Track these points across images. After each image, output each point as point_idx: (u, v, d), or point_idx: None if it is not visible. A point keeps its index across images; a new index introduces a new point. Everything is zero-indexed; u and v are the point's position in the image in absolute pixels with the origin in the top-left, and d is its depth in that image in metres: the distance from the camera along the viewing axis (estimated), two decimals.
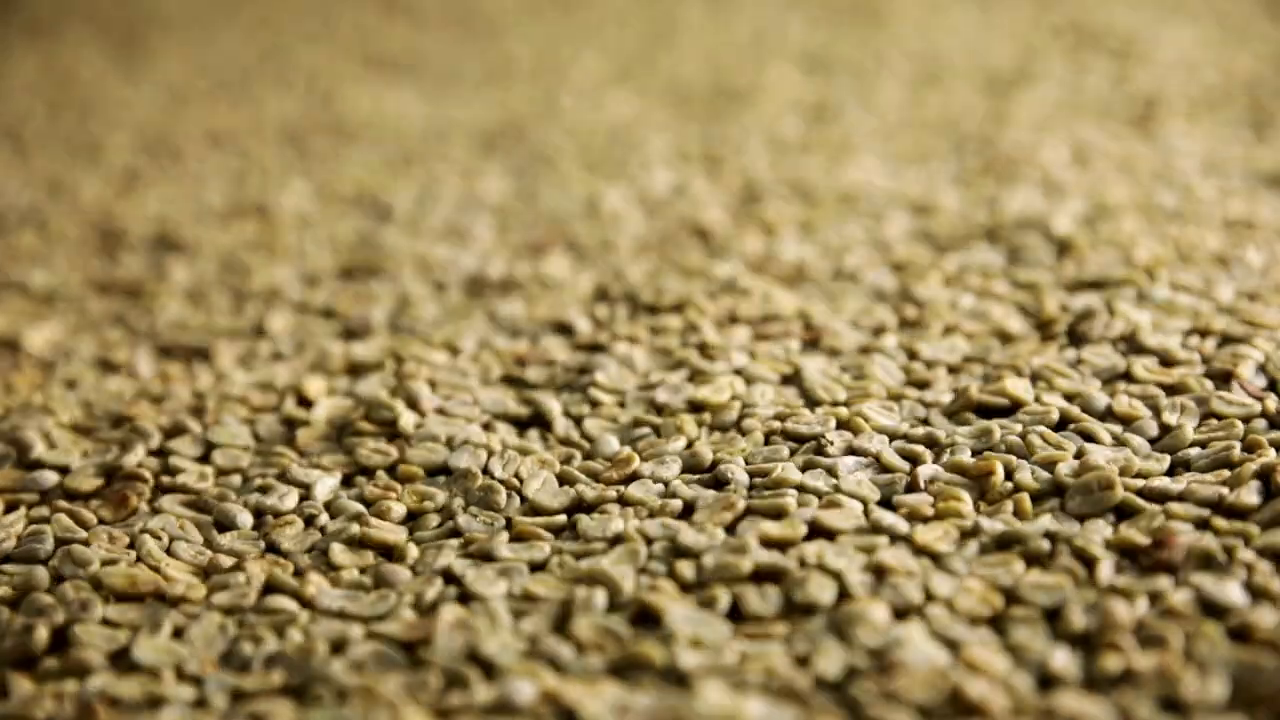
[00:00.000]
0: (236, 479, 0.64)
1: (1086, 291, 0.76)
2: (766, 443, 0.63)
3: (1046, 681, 0.48)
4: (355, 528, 0.59)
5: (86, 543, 0.59)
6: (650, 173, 1.03)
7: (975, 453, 0.61)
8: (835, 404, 0.66)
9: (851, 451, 0.61)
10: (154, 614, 0.54)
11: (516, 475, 0.62)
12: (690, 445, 0.63)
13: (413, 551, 0.57)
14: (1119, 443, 0.61)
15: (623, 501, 0.59)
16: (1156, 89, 1.15)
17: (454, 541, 0.57)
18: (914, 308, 0.75)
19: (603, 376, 0.70)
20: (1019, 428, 0.62)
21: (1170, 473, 0.59)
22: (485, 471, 0.62)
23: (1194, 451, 0.60)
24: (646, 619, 0.51)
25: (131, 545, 0.59)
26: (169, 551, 0.58)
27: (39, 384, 0.74)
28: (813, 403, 0.66)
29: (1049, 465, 0.59)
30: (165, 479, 0.64)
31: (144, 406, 0.70)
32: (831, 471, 0.60)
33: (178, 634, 0.53)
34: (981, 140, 1.05)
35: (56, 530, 0.60)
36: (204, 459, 0.66)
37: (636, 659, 0.49)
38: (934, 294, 0.77)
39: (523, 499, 0.60)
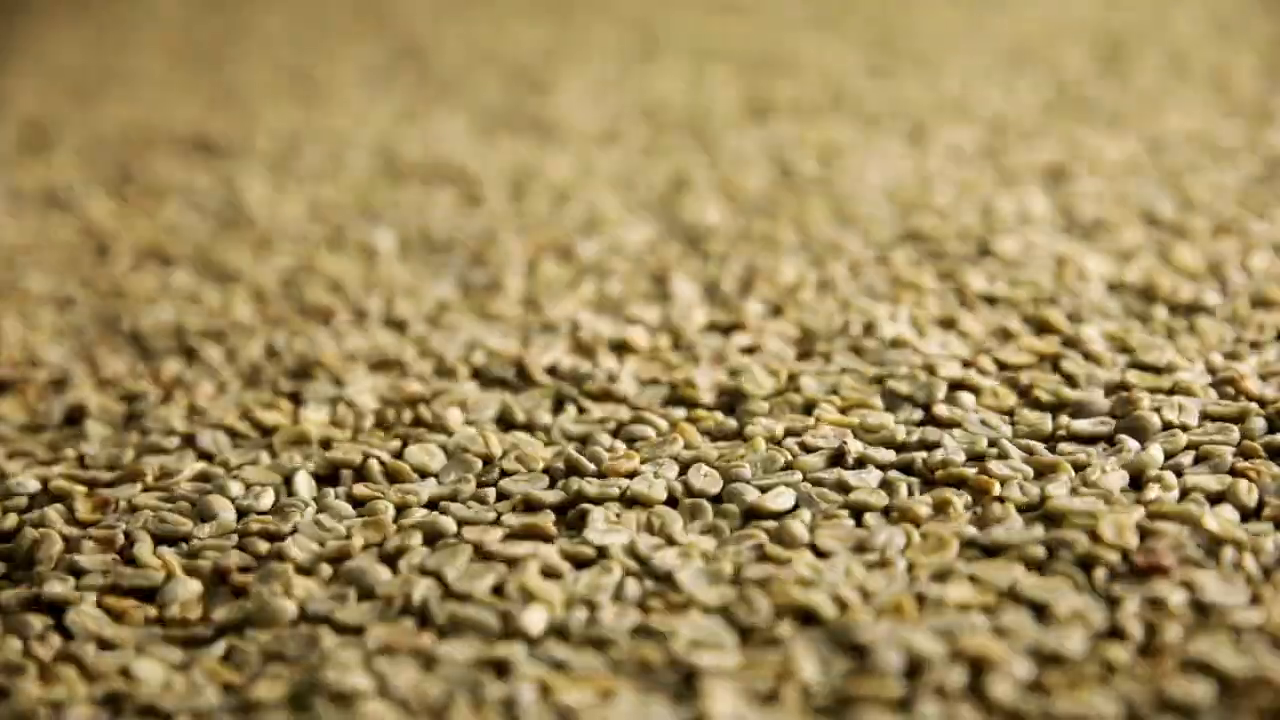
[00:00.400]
0: (221, 478, 0.63)
1: (1080, 306, 0.75)
2: (769, 449, 0.63)
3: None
4: (343, 527, 0.58)
5: (76, 550, 0.58)
6: (647, 177, 1.03)
7: (971, 458, 0.61)
8: (836, 410, 0.66)
9: (860, 461, 0.61)
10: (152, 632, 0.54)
11: (508, 471, 0.62)
12: (690, 449, 0.63)
13: (411, 543, 0.57)
14: (1112, 452, 0.61)
15: (625, 499, 0.59)
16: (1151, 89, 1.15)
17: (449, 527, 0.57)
18: (906, 316, 0.75)
19: (596, 385, 0.69)
20: (1009, 430, 0.62)
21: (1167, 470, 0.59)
22: (478, 472, 0.62)
23: (1187, 458, 0.60)
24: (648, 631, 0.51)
25: (120, 552, 0.58)
26: (158, 555, 0.58)
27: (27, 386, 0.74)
28: (809, 408, 0.66)
29: (1043, 484, 0.58)
30: (150, 480, 0.64)
31: (132, 407, 0.70)
32: (841, 483, 0.60)
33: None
34: (976, 144, 1.05)
35: (46, 539, 0.59)
36: (188, 459, 0.66)
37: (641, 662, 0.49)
38: (925, 300, 0.76)
39: (515, 496, 0.60)
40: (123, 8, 1.66)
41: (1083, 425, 0.63)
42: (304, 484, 0.62)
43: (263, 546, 0.58)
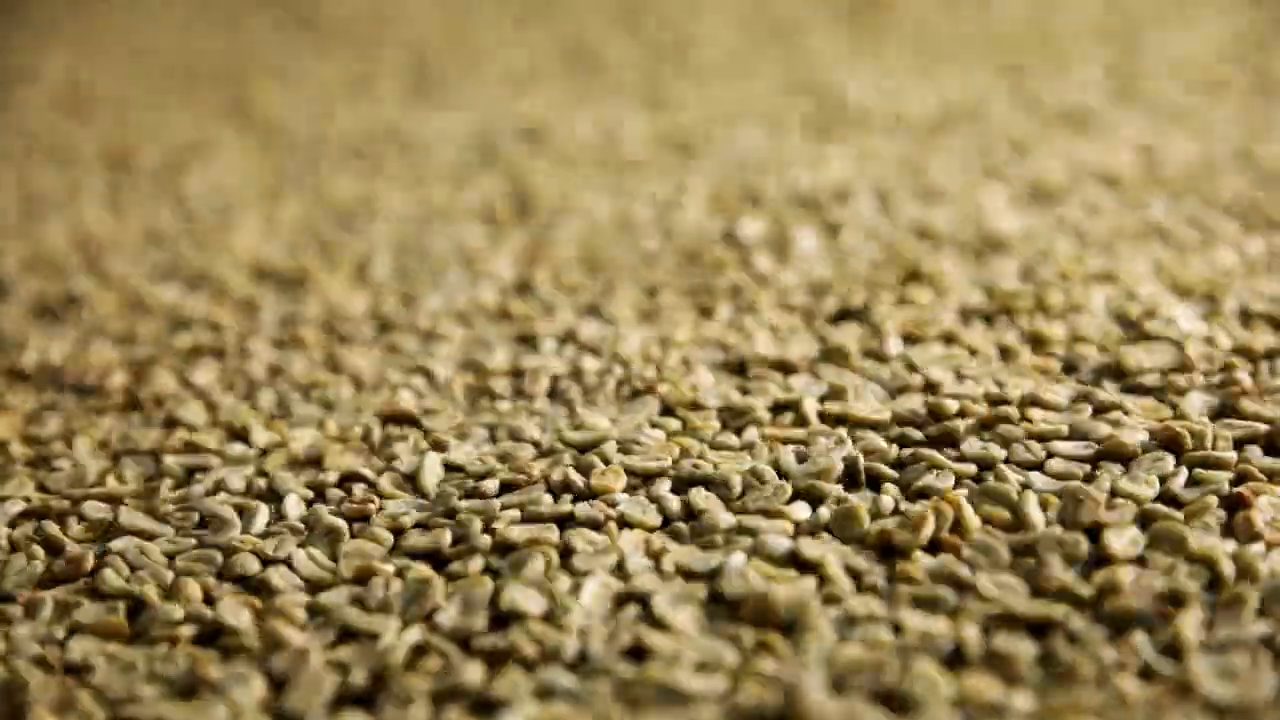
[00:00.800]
0: (207, 496, 0.63)
1: (1078, 323, 0.75)
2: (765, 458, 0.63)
3: None
4: (331, 556, 0.58)
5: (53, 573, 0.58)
6: (646, 185, 1.02)
7: (979, 472, 0.60)
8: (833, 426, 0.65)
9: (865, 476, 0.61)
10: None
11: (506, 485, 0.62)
12: (680, 460, 0.63)
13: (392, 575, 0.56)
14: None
15: (619, 522, 0.58)
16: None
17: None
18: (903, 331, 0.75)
19: (595, 396, 0.69)
20: (1002, 452, 0.62)
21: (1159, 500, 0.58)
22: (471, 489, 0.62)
23: (1183, 490, 0.59)
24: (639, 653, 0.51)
25: (92, 574, 0.58)
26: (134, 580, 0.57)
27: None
28: (805, 422, 0.66)
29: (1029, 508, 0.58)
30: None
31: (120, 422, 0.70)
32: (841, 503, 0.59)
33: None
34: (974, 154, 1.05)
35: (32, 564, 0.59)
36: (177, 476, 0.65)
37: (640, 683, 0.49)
38: (924, 316, 0.76)
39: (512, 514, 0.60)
40: (120, 18, 1.66)
41: (1069, 447, 0.62)
42: (293, 505, 0.62)
43: (250, 571, 0.57)
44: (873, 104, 1.19)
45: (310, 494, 0.63)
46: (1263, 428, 0.62)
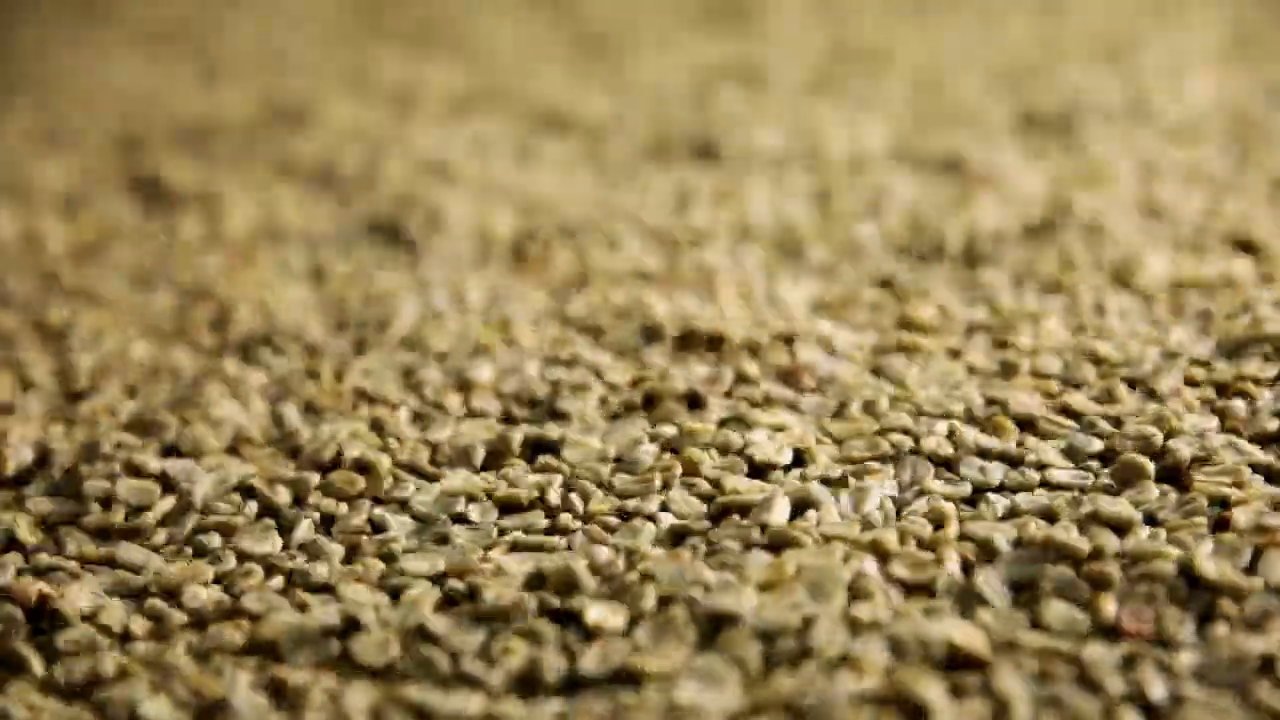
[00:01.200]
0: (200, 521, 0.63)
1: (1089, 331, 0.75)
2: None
3: None
4: (325, 570, 0.58)
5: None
6: (644, 195, 1.02)
7: (970, 498, 0.60)
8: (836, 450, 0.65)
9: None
10: None
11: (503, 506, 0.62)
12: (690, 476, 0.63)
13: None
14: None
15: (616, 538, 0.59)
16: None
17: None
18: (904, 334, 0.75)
19: (576, 424, 0.69)
20: (1000, 474, 0.62)
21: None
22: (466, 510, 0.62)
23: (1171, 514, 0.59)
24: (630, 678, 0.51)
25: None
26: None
27: None
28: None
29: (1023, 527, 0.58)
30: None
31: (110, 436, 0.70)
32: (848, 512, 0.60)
33: None
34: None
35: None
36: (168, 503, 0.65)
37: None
38: (929, 327, 0.76)
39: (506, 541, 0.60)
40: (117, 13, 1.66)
41: (1064, 475, 0.62)
42: (291, 528, 0.62)
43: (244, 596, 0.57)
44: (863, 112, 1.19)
45: (302, 516, 0.62)
46: (1259, 450, 0.62)
